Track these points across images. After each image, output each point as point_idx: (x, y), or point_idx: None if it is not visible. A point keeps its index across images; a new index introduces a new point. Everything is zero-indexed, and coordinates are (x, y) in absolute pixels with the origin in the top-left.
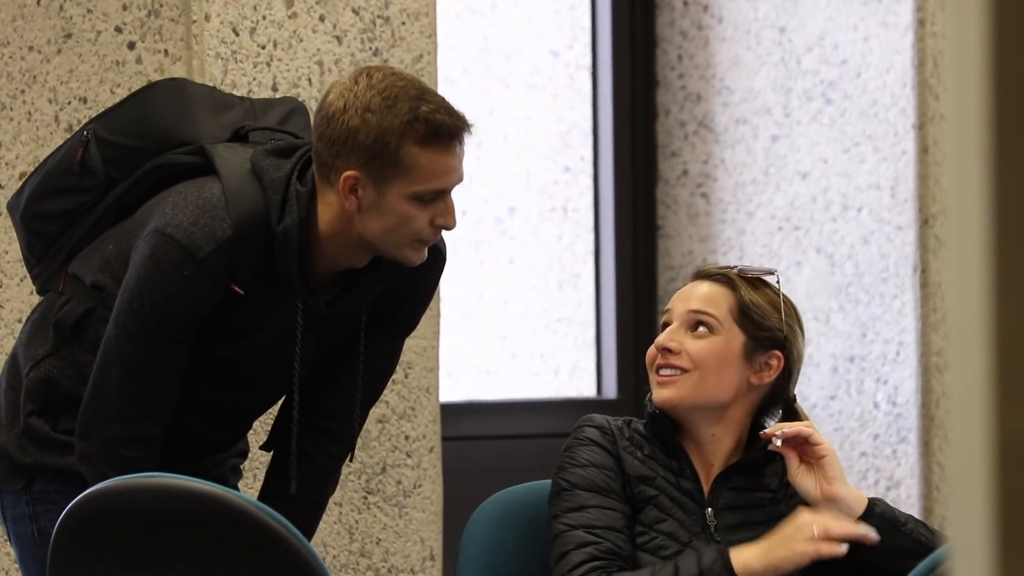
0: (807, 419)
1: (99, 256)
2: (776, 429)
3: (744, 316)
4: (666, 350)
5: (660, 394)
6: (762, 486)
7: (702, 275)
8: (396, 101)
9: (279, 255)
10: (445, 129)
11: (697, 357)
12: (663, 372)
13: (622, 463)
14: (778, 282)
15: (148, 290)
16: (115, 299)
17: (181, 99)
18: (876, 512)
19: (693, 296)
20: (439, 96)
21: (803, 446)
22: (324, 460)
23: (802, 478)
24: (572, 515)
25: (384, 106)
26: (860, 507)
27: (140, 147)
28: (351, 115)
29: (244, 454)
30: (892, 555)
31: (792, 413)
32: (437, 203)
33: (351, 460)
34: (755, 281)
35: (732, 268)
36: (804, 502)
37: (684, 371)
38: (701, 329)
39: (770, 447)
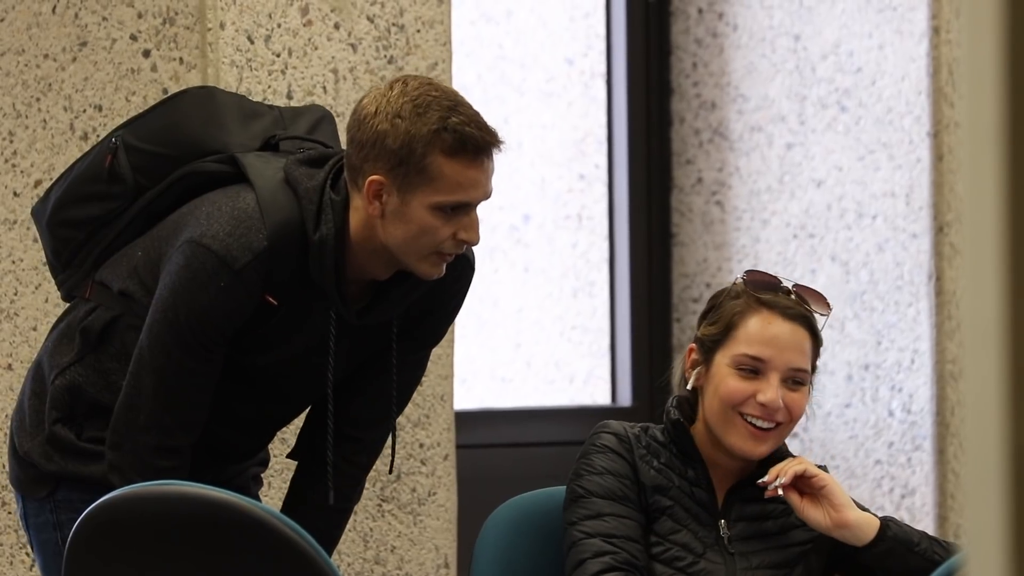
0: None
1: (127, 263)
2: (772, 477)
3: (815, 360)
4: (775, 409)
5: (756, 449)
6: (775, 498)
7: (791, 315)
8: (427, 110)
9: (314, 264)
10: (473, 142)
11: (795, 413)
12: (761, 425)
13: (638, 472)
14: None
15: (183, 301)
16: (143, 306)
17: (211, 107)
18: (888, 535)
19: (790, 347)
20: (473, 109)
21: (801, 480)
22: (350, 469)
23: (809, 512)
24: (589, 523)
25: (414, 113)
26: (872, 530)
27: (169, 155)
28: (381, 120)
29: (265, 463)
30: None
31: None
32: (461, 216)
33: (391, 471)
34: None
35: (793, 293)
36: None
37: (778, 424)
38: (796, 381)
39: (767, 494)
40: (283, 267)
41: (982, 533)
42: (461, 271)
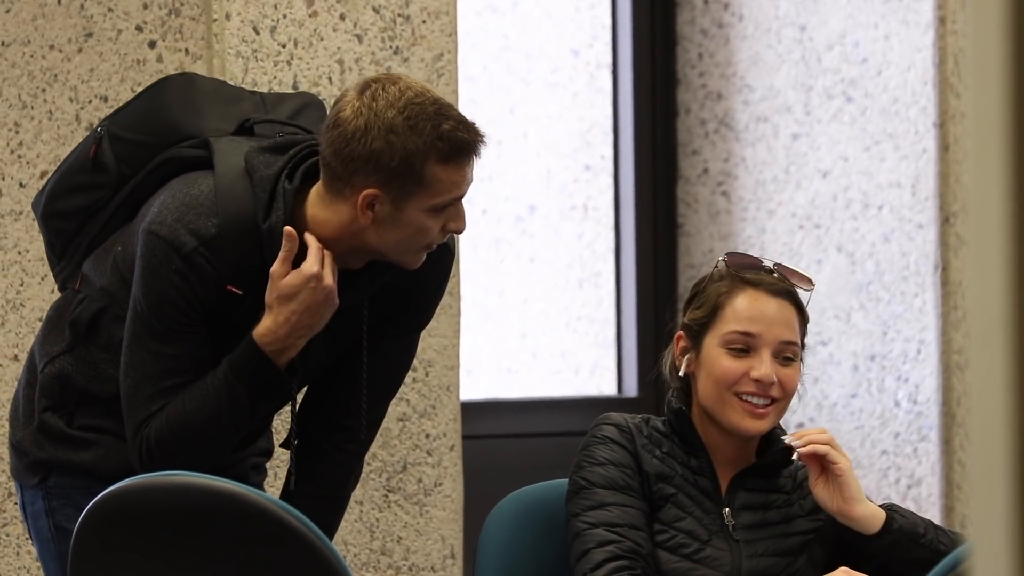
0: None
1: (110, 258)
2: (797, 439)
3: (803, 336)
4: (769, 384)
5: (755, 425)
6: (777, 487)
7: (776, 291)
8: (418, 121)
9: (267, 253)
10: (465, 146)
11: (789, 388)
12: (757, 403)
13: (640, 461)
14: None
15: (144, 291)
16: (123, 299)
17: (190, 93)
18: (895, 528)
19: (778, 322)
20: (454, 109)
21: (824, 458)
22: (342, 457)
23: (820, 489)
24: (592, 513)
25: (406, 127)
26: (877, 523)
27: (150, 142)
28: (374, 137)
29: (267, 452)
30: (912, 567)
31: None
32: (449, 209)
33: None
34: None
35: (775, 272)
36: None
37: (774, 400)
38: (787, 357)
39: (792, 456)
40: (236, 255)
41: (988, 523)
42: (440, 256)
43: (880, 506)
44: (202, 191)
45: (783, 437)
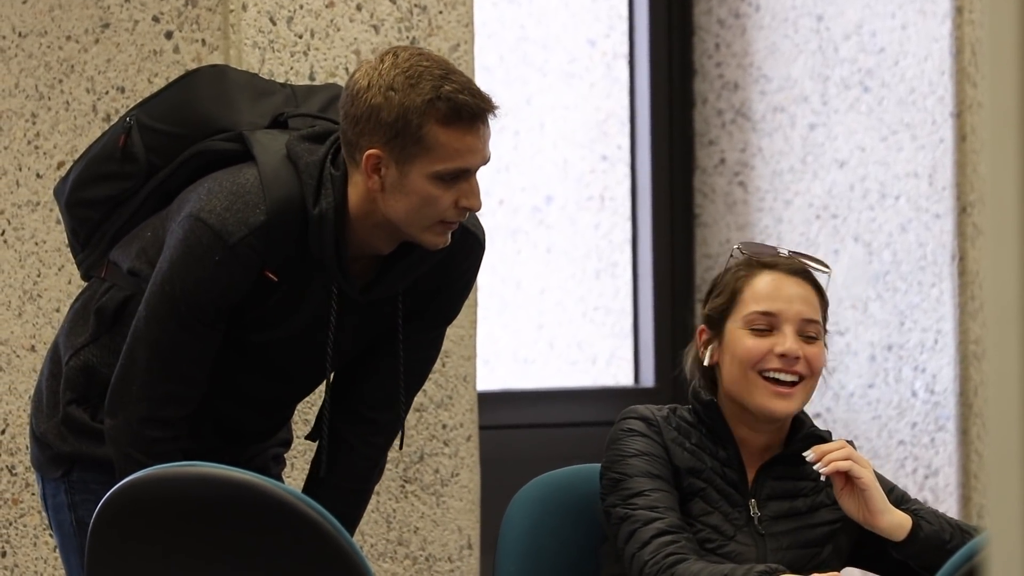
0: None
1: (137, 243)
2: (819, 456)
3: (824, 318)
4: (795, 358)
5: (782, 406)
6: (805, 474)
7: (793, 271)
8: (419, 80)
9: (314, 239)
10: (467, 109)
11: (816, 366)
12: (783, 381)
13: (671, 454)
14: (828, 279)
15: (179, 274)
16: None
17: (222, 86)
18: (920, 537)
19: (798, 299)
20: (465, 77)
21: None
22: (367, 450)
23: (846, 500)
24: (633, 500)
25: (407, 84)
26: (902, 532)
27: (181, 134)
28: (374, 93)
29: (287, 443)
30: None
31: None
32: (461, 184)
33: (400, 447)
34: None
35: (793, 259)
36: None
37: (800, 379)
38: (810, 336)
39: (819, 472)
40: (281, 242)
41: (1004, 513)
42: (470, 248)
43: (905, 510)
44: (248, 179)
45: (804, 454)
